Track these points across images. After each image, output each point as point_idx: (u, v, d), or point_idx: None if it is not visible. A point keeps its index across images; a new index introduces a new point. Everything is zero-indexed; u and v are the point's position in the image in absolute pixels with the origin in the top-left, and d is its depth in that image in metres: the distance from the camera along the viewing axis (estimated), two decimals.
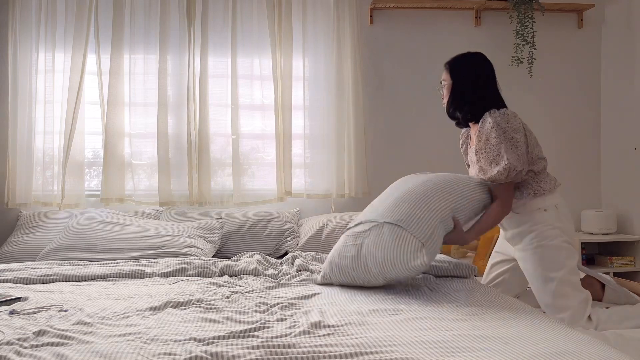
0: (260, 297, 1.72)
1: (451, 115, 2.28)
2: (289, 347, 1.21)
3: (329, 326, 1.38)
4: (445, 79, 2.27)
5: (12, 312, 1.52)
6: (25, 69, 2.99)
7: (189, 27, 3.06)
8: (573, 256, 2.08)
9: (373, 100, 3.32)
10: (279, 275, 2.07)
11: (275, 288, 1.87)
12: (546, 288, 2.06)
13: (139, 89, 3.08)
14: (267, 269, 2.14)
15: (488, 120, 2.06)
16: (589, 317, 1.99)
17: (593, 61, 3.52)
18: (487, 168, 2.08)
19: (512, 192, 2.09)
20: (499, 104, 2.16)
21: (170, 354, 1.16)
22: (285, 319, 1.45)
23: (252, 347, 1.20)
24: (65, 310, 1.53)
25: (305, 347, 1.21)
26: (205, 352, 1.17)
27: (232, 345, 1.22)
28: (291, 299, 1.68)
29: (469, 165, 2.40)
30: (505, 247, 2.30)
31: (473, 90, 2.17)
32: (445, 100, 2.28)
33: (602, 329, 1.94)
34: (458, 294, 1.73)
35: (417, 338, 1.27)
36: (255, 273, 2.09)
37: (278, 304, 1.61)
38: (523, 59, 3.24)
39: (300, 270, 2.08)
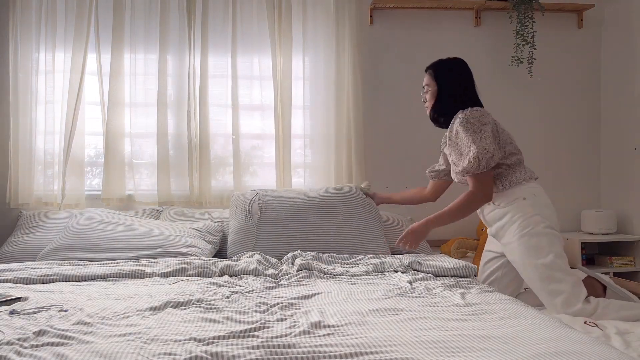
0: (260, 297, 1.72)
1: (434, 119, 2.36)
2: (289, 347, 1.21)
3: (329, 326, 1.38)
4: (428, 83, 2.34)
5: (12, 312, 1.52)
6: (26, 69, 2.99)
7: (189, 27, 3.06)
8: (557, 241, 2.11)
9: (373, 99, 3.32)
10: (279, 275, 2.07)
11: (275, 288, 1.87)
12: (536, 276, 2.08)
13: (139, 89, 3.08)
14: (267, 269, 2.14)
15: (459, 116, 2.18)
16: (587, 299, 2.00)
17: (593, 61, 3.52)
18: (458, 161, 2.17)
19: (487, 182, 2.13)
20: (476, 105, 2.25)
21: (170, 354, 1.16)
22: (285, 319, 1.45)
23: (252, 347, 1.20)
24: (65, 310, 1.53)
25: (305, 347, 1.21)
26: (206, 352, 1.17)
27: (232, 345, 1.22)
28: (291, 299, 1.68)
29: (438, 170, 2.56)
30: (494, 244, 2.32)
31: (457, 95, 2.27)
32: (428, 105, 2.34)
33: (600, 315, 1.96)
34: (458, 294, 1.73)
35: (417, 338, 1.26)
36: (255, 273, 2.08)
37: (278, 304, 1.61)
38: (523, 59, 3.25)
39: (301, 270, 2.08)
